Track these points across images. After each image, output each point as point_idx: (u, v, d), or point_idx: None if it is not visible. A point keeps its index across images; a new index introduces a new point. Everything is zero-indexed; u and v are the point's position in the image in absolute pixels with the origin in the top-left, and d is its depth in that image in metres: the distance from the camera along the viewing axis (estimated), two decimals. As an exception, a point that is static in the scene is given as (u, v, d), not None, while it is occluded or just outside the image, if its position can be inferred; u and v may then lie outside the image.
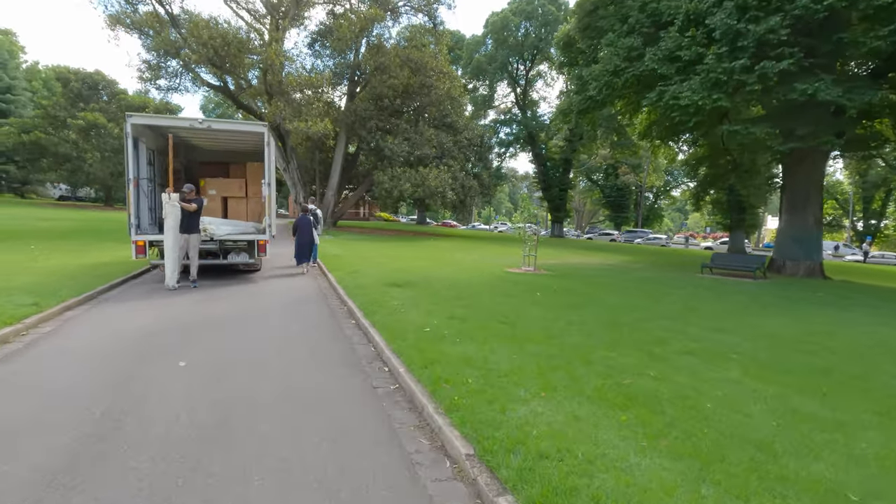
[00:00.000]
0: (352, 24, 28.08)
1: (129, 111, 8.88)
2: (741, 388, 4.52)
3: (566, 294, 10.05)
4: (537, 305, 8.39)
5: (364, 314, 6.76)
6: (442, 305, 7.67)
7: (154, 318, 6.43)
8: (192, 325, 6.18)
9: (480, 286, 10.22)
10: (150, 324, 6.14)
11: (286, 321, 6.64)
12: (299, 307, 7.62)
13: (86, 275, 9.39)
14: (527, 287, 10.63)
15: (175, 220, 8.47)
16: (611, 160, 59.91)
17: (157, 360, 4.73)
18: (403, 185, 28.66)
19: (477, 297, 8.67)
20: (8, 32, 66.89)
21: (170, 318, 6.52)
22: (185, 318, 6.50)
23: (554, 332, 6.35)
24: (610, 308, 8.61)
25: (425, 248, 22.52)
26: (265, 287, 9.51)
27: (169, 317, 6.57)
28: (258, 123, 9.91)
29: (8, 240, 15.72)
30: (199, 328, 6.04)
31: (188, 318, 6.57)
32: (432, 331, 5.90)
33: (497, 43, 48.82)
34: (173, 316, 6.61)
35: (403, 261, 15.10)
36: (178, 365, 4.60)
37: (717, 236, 71.25)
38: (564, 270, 15.56)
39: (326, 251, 16.78)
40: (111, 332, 5.69)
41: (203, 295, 8.27)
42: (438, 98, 31.87)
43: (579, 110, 22.59)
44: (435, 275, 11.65)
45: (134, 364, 4.60)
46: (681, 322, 7.70)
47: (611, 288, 11.64)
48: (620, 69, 18.26)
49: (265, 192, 9.94)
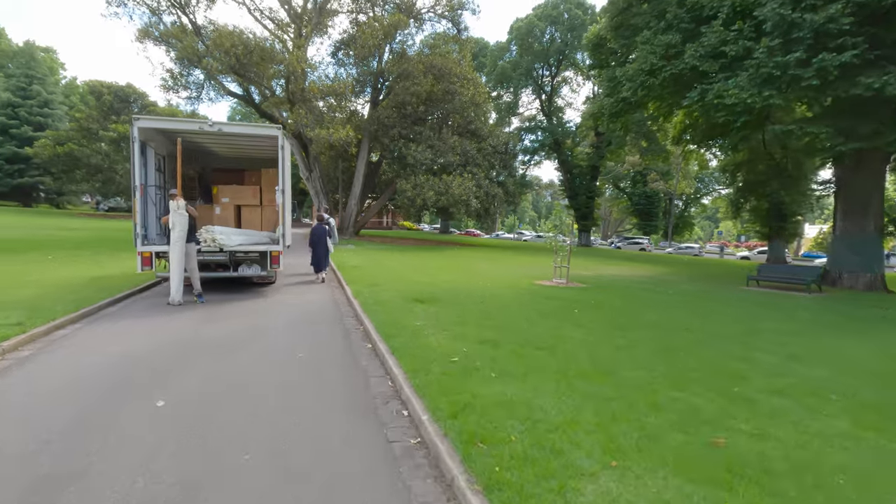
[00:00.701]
0: (375, 30, 27.71)
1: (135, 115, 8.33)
2: (868, 449, 3.45)
3: (606, 311, 8.99)
4: (577, 326, 7.38)
5: (382, 337, 5.89)
6: (470, 326, 6.75)
7: (147, 341, 5.71)
8: (187, 349, 5.43)
9: (511, 302, 9.26)
10: (140, 348, 5.41)
11: (294, 345, 5.82)
12: (311, 327, 6.81)
13: (93, 288, 8.86)
14: (562, 303, 9.62)
15: (182, 229, 7.83)
16: (639, 167, 58.18)
17: (133, 399, 3.95)
18: (427, 193, 27.94)
19: (508, 316, 7.72)
20: (49, 50, 69.96)
21: (164, 340, 5.80)
22: (181, 341, 5.76)
23: (603, 361, 5.35)
24: (659, 329, 7.53)
25: (449, 258, 21.65)
26: (276, 302, 8.77)
27: (163, 339, 5.84)
28: (272, 126, 9.27)
29: (31, 250, 15.58)
30: (194, 353, 5.28)
31: (184, 340, 5.83)
32: (461, 360, 4.98)
33: (522, 49, 47.99)
34: (169, 338, 5.88)
35: (426, 272, 14.25)
36: (156, 405, 3.81)
37: (750, 245, 68.21)
38: (598, 283, 14.43)
39: (346, 262, 16.08)
40: (93, 359, 4.97)
41: (207, 312, 7.57)
42: (462, 104, 31.14)
43: (611, 113, 21.47)
44: (461, 288, 10.74)
45: (103, 404, 3.83)
46: (744, 346, 6.58)
47: (653, 304, 10.51)
48: (657, 68, 17.12)
49: (279, 200, 9.25)
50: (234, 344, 5.73)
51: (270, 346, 5.70)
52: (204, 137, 9.70)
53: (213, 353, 5.31)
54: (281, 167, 9.14)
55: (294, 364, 5.06)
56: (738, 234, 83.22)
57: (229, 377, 4.58)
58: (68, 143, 41.42)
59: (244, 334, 6.23)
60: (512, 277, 14.38)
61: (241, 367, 4.87)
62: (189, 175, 11.46)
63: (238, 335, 6.16)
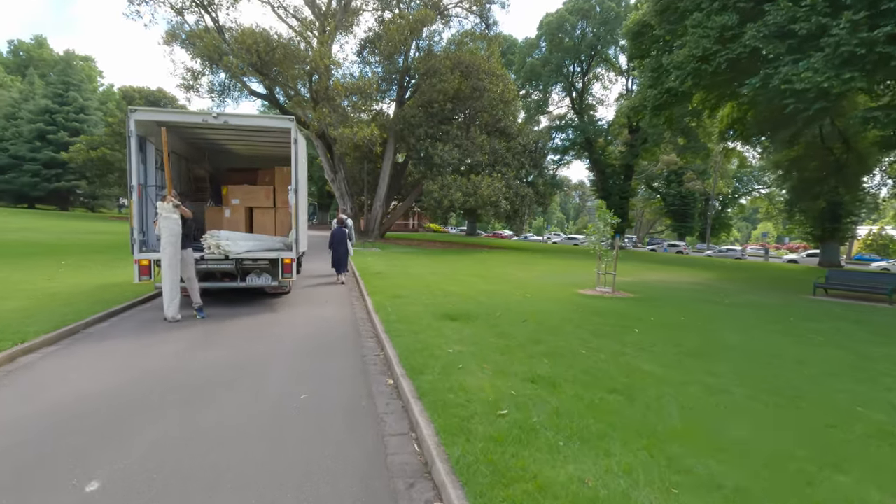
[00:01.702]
0: (401, 26, 26.72)
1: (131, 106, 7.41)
2: None
3: (672, 331, 7.54)
4: (645, 352, 5.99)
5: (406, 370, 4.67)
6: (516, 355, 5.46)
7: (116, 376, 4.65)
8: (161, 390, 4.33)
9: (558, 319, 7.91)
10: (104, 386, 4.35)
11: (298, 380, 4.66)
12: (320, 355, 5.64)
13: (91, 299, 7.99)
14: (616, 319, 8.21)
15: (172, 234, 6.82)
16: (674, 166, 55.47)
17: (57, 475, 2.83)
18: (454, 194, 26.72)
19: (559, 339, 6.38)
20: (88, 59, 72.42)
21: (138, 374, 4.72)
22: (158, 376, 4.67)
23: (700, 414, 3.98)
24: (749, 357, 6.06)
25: (479, 262, 20.34)
26: (287, 318, 7.68)
27: (138, 372, 4.77)
28: (283, 117, 8.22)
29: (48, 255, 15.12)
30: (167, 397, 4.17)
31: (163, 374, 4.74)
32: (512, 413, 3.70)
33: (551, 45, 46.29)
34: (144, 370, 4.80)
35: (456, 280, 13.00)
36: (84, 490, 2.68)
37: (792, 247, 64.10)
38: (647, 292, 12.89)
39: (369, 267, 15.00)
40: (39, 404, 3.91)
41: (204, 331, 6.51)
42: (491, 102, 29.79)
43: (655, 106, 19.80)
44: (497, 301, 9.44)
45: (7, 488, 2.72)
46: (872, 385, 5.07)
47: (722, 320, 8.96)
48: (710, 53, 15.44)
49: (292, 201, 8.18)
50: (223, 380, 4.60)
51: (268, 384, 4.54)
52: (210, 131, 8.74)
53: (192, 397, 4.18)
54: (294, 164, 8.06)
55: (292, 414, 3.87)
56: (777, 236, 78.84)
57: (200, 437, 3.42)
58: (101, 148, 42.06)
59: (239, 365, 5.11)
60: (551, 286, 12.99)
61: (221, 420, 3.72)
62: (199, 175, 10.57)
63: (232, 366, 5.03)
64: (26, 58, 70.62)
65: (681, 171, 56.10)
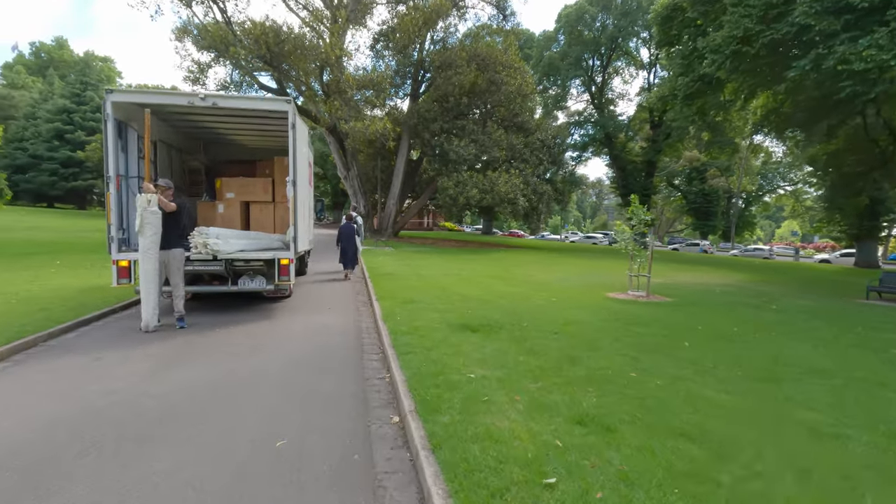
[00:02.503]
0: (415, 18, 25.73)
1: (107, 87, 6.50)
2: None
3: (727, 344, 6.39)
4: (706, 375, 4.87)
5: (417, 405, 3.63)
6: (551, 380, 4.39)
7: (68, 400, 3.75)
8: (118, 418, 3.41)
9: (592, 330, 6.80)
10: (47, 418, 3.43)
11: (276, 419, 3.66)
12: (313, 379, 4.63)
13: (69, 304, 7.19)
14: (659, 329, 7.07)
15: (156, 232, 5.92)
16: (697, 162, 53.40)
17: None
18: (470, 191, 25.64)
19: (601, 358, 5.29)
20: (107, 59, 73.29)
21: (95, 398, 3.80)
22: (109, 405, 3.73)
23: (824, 478, 2.87)
24: (837, 382, 4.88)
25: (496, 262, 19.24)
26: (282, 327, 6.72)
27: (95, 396, 3.85)
28: (280, 98, 7.28)
29: (46, 254, 14.53)
30: (121, 429, 3.24)
31: (125, 398, 3.82)
32: (563, 486, 2.63)
33: (570, 38, 44.76)
34: (94, 399, 3.87)
35: (473, 282, 11.95)
36: None
37: (819, 246, 61.27)
38: (683, 295, 11.67)
39: (381, 267, 14.04)
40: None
41: (181, 346, 5.56)
42: (508, 95, 28.58)
43: (686, 95, 18.48)
44: (521, 307, 8.36)
45: None
46: None
47: (778, 330, 7.74)
48: (752, 34, 14.08)
49: (290, 193, 7.22)
50: (184, 415, 3.63)
51: (240, 421, 3.55)
52: (202, 117, 7.84)
53: (149, 431, 3.22)
54: (292, 151, 7.09)
55: (259, 474, 2.87)
56: (802, 235, 75.71)
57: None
58: (116, 147, 41.92)
59: (212, 391, 4.14)
60: (576, 289, 11.86)
61: (174, 473, 2.74)
62: (194, 168, 9.70)
63: (201, 394, 4.07)
64: (47, 59, 71.68)
65: (703, 167, 54.01)
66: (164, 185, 6.36)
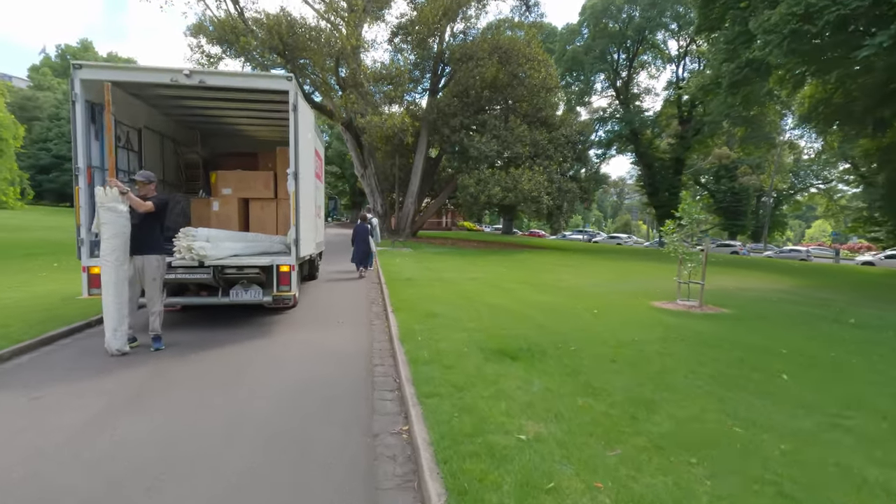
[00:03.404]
0: (435, 8, 24.55)
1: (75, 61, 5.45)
2: None
3: (834, 375, 5.04)
4: (841, 432, 3.57)
5: (450, 501, 2.44)
6: (632, 441, 3.16)
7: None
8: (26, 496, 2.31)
9: (655, 354, 5.51)
10: None
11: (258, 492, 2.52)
12: (305, 433, 3.48)
13: (37, 317, 6.24)
14: (736, 352, 5.74)
15: (118, 234, 4.85)
16: (727, 160, 50.91)
17: None
18: (492, 189, 24.33)
19: (683, 400, 4.01)
20: (130, 61, 74.15)
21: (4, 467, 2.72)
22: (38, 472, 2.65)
23: None
24: None
25: (521, 264, 17.94)
26: (278, 349, 5.61)
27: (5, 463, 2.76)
28: (279, 75, 6.22)
29: (44, 255, 13.86)
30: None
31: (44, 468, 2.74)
32: None
33: (595, 31, 43.04)
34: (25, 455, 2.80)
35: (501, 288, 10.72)
36: None
37: (854, 246, 57.95)
38: (740, 305, 10.23)
39: (399, 271, 12.90)
40: None
41: (148, 375, 4.47)
42: (532, 89, 27.18)
43: (731, 83, 16.88)
44: (561, 323, 7.09)
45: None
46: None
47: (878, 351, 6.31)
48: (816, 10, 12.50)
49: (291, 188, 6.10)
50: (123, 491, 2.51)
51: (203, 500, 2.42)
52: (190, 99, 6.79)
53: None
54: (293, 138, 5.97)
55: None
56: (831, 233, 71.92)
57: None
58: (135, 146, 41.87)
59: (170, 447, 3.03)
60: (616, 296, 10.52)
61: None
62: (191, 161, 8.69)
63: (155, 453, 2.96)
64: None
65: (733, 165, 51.54)
66: (143, 180, 5.31)
